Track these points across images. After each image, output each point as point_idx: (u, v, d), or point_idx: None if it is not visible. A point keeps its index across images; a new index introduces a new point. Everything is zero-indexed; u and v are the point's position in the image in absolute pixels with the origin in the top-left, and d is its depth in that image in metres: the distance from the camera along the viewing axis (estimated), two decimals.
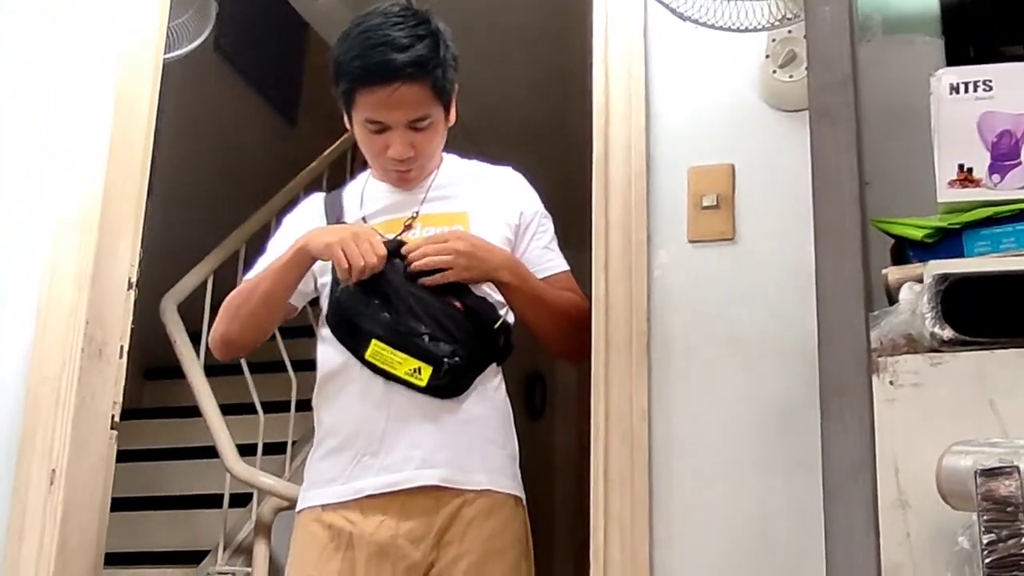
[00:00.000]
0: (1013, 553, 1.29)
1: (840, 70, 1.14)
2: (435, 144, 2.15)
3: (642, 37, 2.32)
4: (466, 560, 1.93)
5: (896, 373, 1.68)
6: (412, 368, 1.96)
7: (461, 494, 1.96)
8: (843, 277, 1.09)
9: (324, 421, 2.10)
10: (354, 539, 1.95)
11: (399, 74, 1.98)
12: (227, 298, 2.16)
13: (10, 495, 2.45)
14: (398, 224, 2.11)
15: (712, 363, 2.15)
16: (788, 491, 2.00)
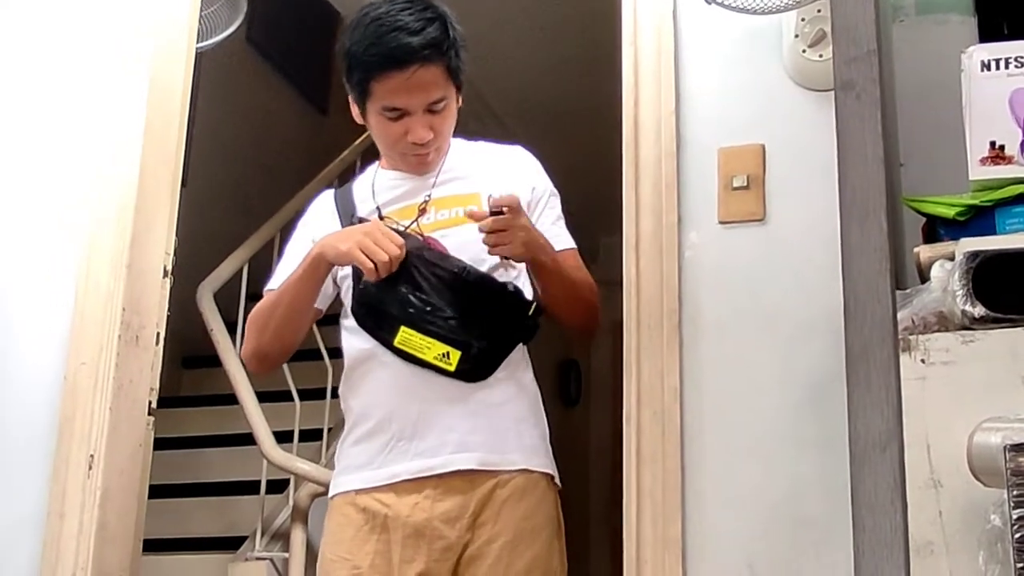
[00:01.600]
0: None
1: (865, 43, 1.14)
2: (451, 125, 2.13)
3: (671, 18, 2.32)
4: (501, 540, 1.92)
5: (927, 351, 1.68)
6: (441, 353, 1.96)
7: (495, 475, 1.96)
8: (869, 246, 1.09)
9: (354, 408, 2.10)
10: (389, 521, 1.95)
11: (415, 57, 1.98)
12: (252, 313, 2.16)
13: (50, 478, 2.47)
14: (412, 210, 2.10)
15: (743, 341, 2.15)
16: (819, 466, 2.00)
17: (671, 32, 2.31)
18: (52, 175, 2.71)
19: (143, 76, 2.70)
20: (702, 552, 2.07)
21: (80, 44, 2.78)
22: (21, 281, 2.66)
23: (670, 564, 2.07)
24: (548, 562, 1.97)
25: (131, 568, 2.53)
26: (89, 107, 2.72)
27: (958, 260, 1.71)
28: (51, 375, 2.55)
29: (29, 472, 2.50)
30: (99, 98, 2.72)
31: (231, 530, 4.21)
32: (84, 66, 2.76)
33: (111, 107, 2.70)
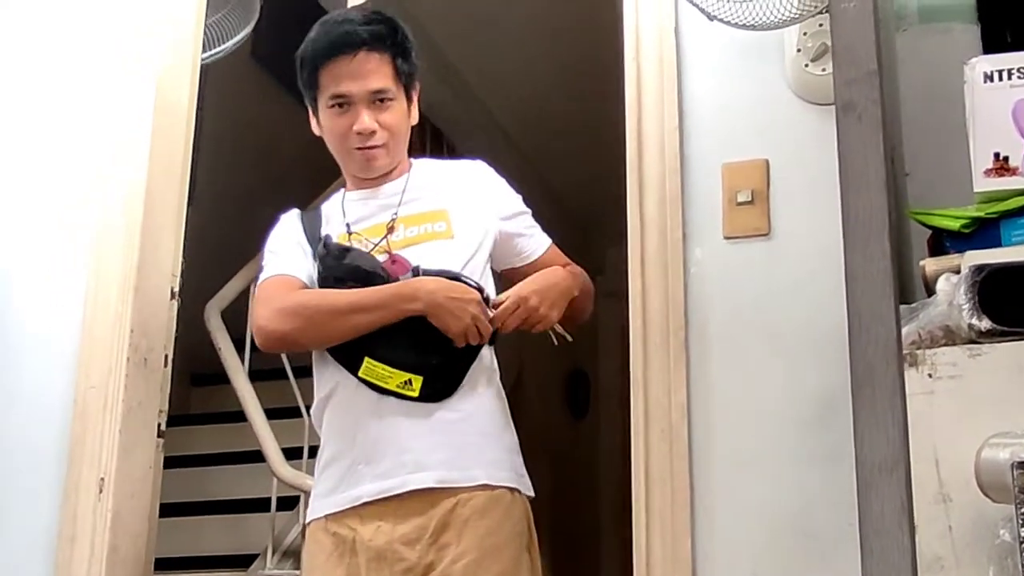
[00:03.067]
0: None
1: (865, 64, 1.14)
2: (397, 128, 2.15)
3: (673, 33, 2.32)
4: (465, 559, 1.90)
5: (934, 365, 1.68)
6: (403, 381, 1.98)
7: (455, 493, 1.95)
8: (872, 270, 1.09)
9: (324, 433, 2.12)
10: (356, 545, 1.96)
11: (358, 40, 2.07)
12: (298, 300, 2.09)
13: (60, 502, 2.47)
14: (381, 228, 2.12)
15: (749, 357, 2.15)
16: (826, 482, 2.00)
17: (673, 47, 2.31)
18: (59, 197, 2.72)
19: (148, 98, 2.71)
20: (712, 569, 2.07)
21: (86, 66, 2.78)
22: (28, 305, 2.66)
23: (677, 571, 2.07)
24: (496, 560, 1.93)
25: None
26: (95, 127, 2.73)
27: (964, 273, 1.71)
28: (60, 399, 2.55)
29: (39, 496, 2.50)
30: (105, 120, 2.72)
31: (242, 548, 4.21)
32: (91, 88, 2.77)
33: (116, 130, 2.70)
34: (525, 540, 2.01)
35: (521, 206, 2.25)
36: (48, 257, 2.68)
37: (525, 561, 1.99)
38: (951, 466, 1.61)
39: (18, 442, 2.56)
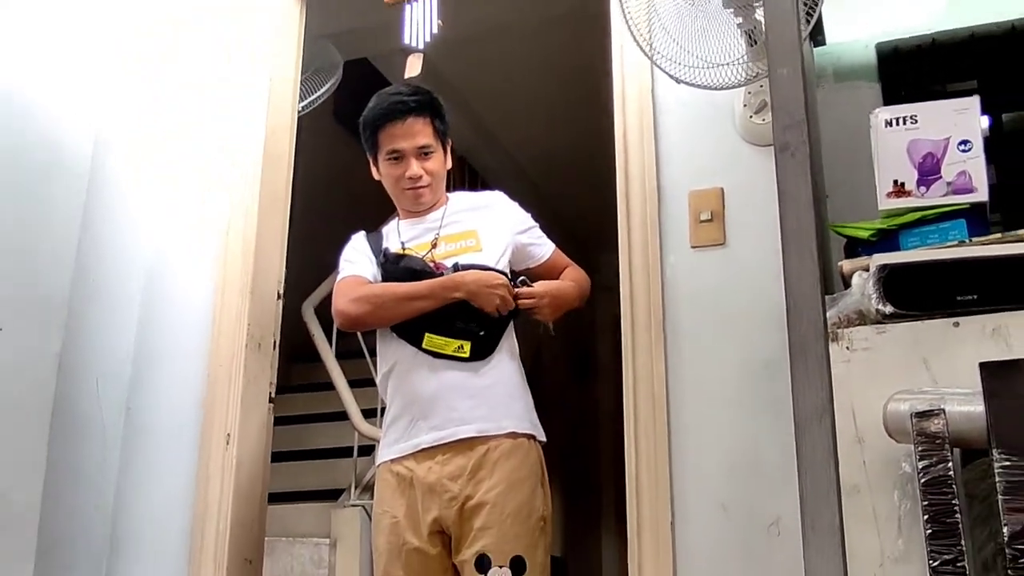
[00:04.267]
0: (942, 474, 1.30)
1: (796, 115, 1.15)
2: (438, 172, 2.20)
3: (650, 93, 2.33)
4: (495, 490, 1.96)
5: (851, 340, 1.68)
6: (457, 346, 2.03)
7: (488, 441, 2.00)
8: (804, 269, 1.10)
9: (388, 397, 2.15)
10: (413, 481, 2.02)
11: (409, 108, 2.13)
12: (367, 292, 2.14)
13: (198, 452, 2.50)
14: (427, 245, 2.16)
15: (710, 336, 2.15)
16: (773, 426, 1.99)
17: (650, 103, 2.32)
18: (195, 224, 2.73)
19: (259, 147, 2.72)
20: (686, 496, 2.07)
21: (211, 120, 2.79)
22: (172, 305, 2.68)
23: (661, 506, 2.07)
24: (532, 503, 2.00)
25: (259, 518, 2.55)
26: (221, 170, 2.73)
27: (872, 270, 1.71)
28: (197, 375, 2.57)
29: (182, 449, 2.53)
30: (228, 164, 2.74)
31: (332, 485, 4.24)
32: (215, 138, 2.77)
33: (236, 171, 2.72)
34: (539, 476, 2.06)
35: (531, 222, 2.29)
36: (187, 268, 2.70)
37: (539, 492, 2.04)
38: (864, 416, 1.60)
39: (167, 410, 2.58)
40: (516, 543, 1.94)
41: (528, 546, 1.96)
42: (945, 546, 1.23)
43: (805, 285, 1.09)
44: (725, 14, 2.06)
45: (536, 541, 1.98)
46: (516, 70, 4.67)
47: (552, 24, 4.16)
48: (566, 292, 2.21)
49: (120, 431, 2.56)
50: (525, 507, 1.98)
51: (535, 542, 1.98)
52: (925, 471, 1.28)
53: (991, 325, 1.59)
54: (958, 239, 1.85)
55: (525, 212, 2.29)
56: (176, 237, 2.73)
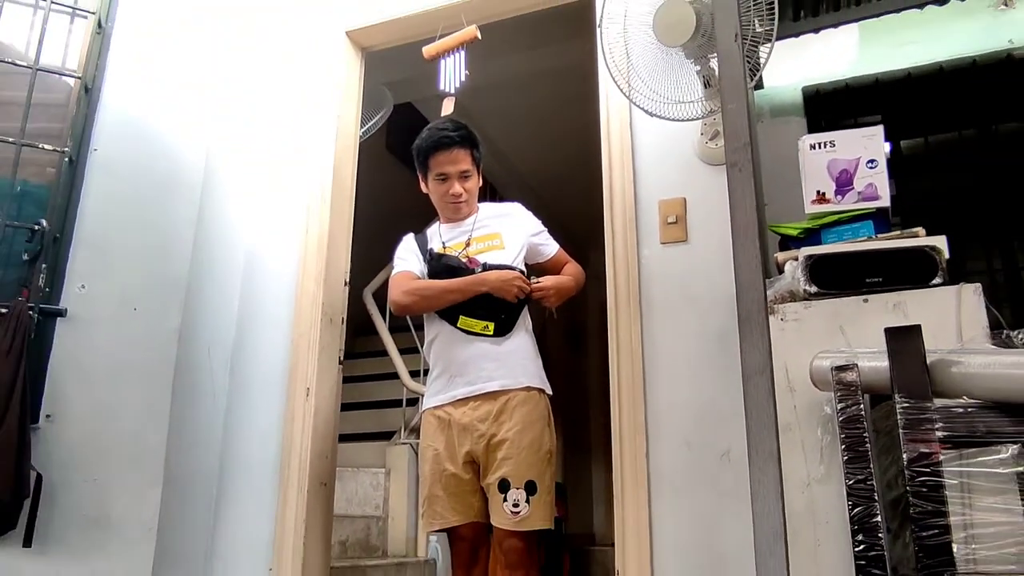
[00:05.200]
0: (855, 414, 1.29)
1: (743, 139, 1.15)
2: (473, 190, 2.20)
3: (629, 125, 2.32)
4: (514, 429, 1.97)
5: (784, 313, 1.68)
6: (483, 326, 2.05)
7: (508, 393, 2.01)
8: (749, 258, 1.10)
9: (432, 360, 2.15)
10: (451, 423, 2.04)
11: (454, 141, 2.14)
12: (415, 286, 2.14)
13: (284, 401, 2.51)
14: (462, 244, 2.16)
15: (677, 313, 2.15)
16: (724, 381, 2.00)
17: (629, 133, 2.31)
18: (282, 227, 2.73)
19: (329, 171, 2.72)
20: (658, 434, 2.07)
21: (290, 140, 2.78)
22: (264, 289, 2.68)
23: (638, 442, 2.07)
24: (542, 439, 2.00)
25: (332, 452, 2.55)
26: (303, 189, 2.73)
27: (800, 260, 1.71)
28: (284, 343, 2.58)
29: (273, 399, 2.53)
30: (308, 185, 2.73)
31: (386, 428, 4.25)
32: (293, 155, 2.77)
33: (314, 190, 2.71)
34: (547, 420, 2.06)
35: (541, 227, 2.28)
36: (275, 260, 2.70)
37: (548, 431, 2.04)
38: (794, 371, 1.60)
39: (261, 369, 2.59)
40: (529, 470, 1.95)
41: (539, 473, 1.96)
42: (858, 468, 1.23)
43: (750, 268, 1.09)
44: (687, 63, 2.05)
45: (544, 469, 1.99)
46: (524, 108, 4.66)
47: (552, 75, 4.17)
48: (567, 285, 2.20)
49: (226, 386, 2.58)
50: (536, 442, 1.99)
51: (544, 470, 1.98)
52: (842, 411, 1.28)
53: (892, 301, 1.58)
54: (866, 235, 1.84)
55: (537, 219, 2.29)
56: (267, 236, 2.73)
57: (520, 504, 1.93)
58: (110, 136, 2.43)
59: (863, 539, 1.18)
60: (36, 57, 2.40)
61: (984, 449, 1.21)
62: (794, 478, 1.55)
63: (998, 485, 1.22)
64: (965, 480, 1.23)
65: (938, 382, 1.22)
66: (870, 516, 1.19)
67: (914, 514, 1.14)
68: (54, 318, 2.23)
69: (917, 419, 1.17)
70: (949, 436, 1.20)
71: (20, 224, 2.27)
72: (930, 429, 1.16)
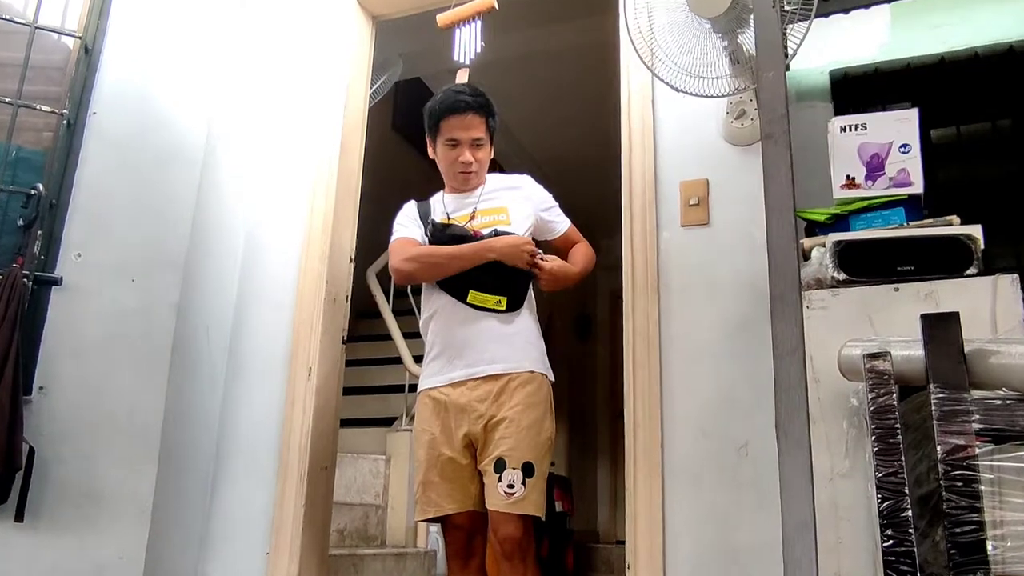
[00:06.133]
0: (887, 404, 1.27)
1: (779, 110, 1.13)
2: (484, 160, 2.11)
3: (651, 102, 2.29)
4: (514, 409, 1.91)
5: (810, 301, 1.66)
6: (496, 300, 1.98)
7: (510, 375, 1.95)
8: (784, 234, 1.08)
9: (429, 338, 2.08)
10: (448, 404, 1.98)
11: (468, 107, 2.05)
12: (418, 252, 2.06)
13: (285, 382, 2.50)
14: (467, 217, 2.08)
15: (695, 297, 2.13)
16: (744, 370, 1.98)
17: (651, 110, 2.28)
18: (288, 205, 2.71)
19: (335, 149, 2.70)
20: (673, 422, 2.06)
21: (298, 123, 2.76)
22: (269, 268, 2.67)
23: (653, 432, 2.06)
24: (542, 423, 1.94)
25: (332, 434, 2.55)
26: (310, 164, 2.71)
27: (828, 246, 1.69)
28: (287, 322, 2.56)
29: (274, 379, 2.52)
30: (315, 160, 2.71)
31: (388, 413, 4.25)
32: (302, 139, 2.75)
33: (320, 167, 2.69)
34: (549, 405, 2.00)
35: (551, 201, 2.19)
36: (278, 237, 2.69)
37: (549, 417, 1.98)
38: (820, 361, 1.58)
39: (262, 348, 2.58)
40: (527, 452, 1.89)
41: (537, 457, 1.90)
42: (888, 461, 1.21)
43: (784, 244, 1.07)
44: (714, 38, 2.02)
45: (543, 454, 1.93)
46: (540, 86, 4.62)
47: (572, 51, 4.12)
48: (569, 274, 2.10)
49: (225, 364, 2.57)
50: (536, 424, 1.93)
51: (542, 455, 1.93)
52: (873, 401, 1.26)
53: (924, 290, 1.56)
54: (897, 223, 1.83)
55: (548, 193, 2.20)
56: (270, 212, 2.71)
57: (515, 485, 1.86)
58: (110, 100, 2.41)
59: (892, 534, 1.16)
60: (35, 15, 2.38)
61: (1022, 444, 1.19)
62: (817, 472, 1.52)
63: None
64: (1002, 476, 1.21)
65: (975, 372, 1.20)
66: (900, 510, 1.17)
67: (947, 510, 1.12)
68: (49, 286, 2.22)
69: (953, 410, 1.16)
70: (986, 429, 1.18)
71: (15, 189, 2.26)
72: (966, 421, 1.15)
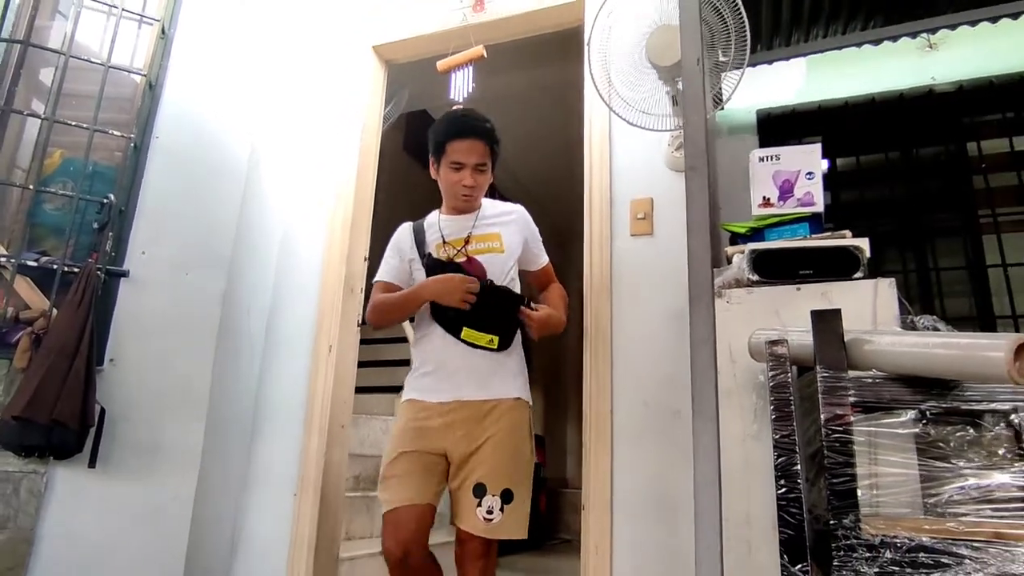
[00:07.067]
0: (783, 381, 1.30)
1: (700, 146, 1.15)
2: (485, 184, 1.85)
3: (608, 135, 2.31)
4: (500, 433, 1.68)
5: (730, 297, 1.69)
6: (489, 339, 1.72)
7: (499, 401, 1.71)
8: (700, 248, 1.10)
9: (422, 356, 1.80)
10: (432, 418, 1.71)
11: (475, 132, 1.80)
12: (377, 301, 1.82)
13: (312, 356, 2.51)
14: (461, 241, 1.83)
15: (642, 293, 2.14)
16: (679, 352, 2.00)
17: (607, 141, 2.29)
18: (312, 211, 2.71)
19: (353, 166, 2.71)
20: (621, 394, 2.08)
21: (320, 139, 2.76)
22: (297, 263, 2.67)
23: (604, 402, 2.08)
24: (524, 449, 1.71)
25: (349, 399, 2.56)
26: (326, 177, 2.71)
27: (746, 253, 1.72)
28: (311, 308, 2.57)
29: (301, 354, 2.54)
30: (330, 174, 2.71)
31: (395, 383, 4.21)
32: (324, 153, 2.75)
33: (341, 178, 2.69)
34: (529, 430, 1.76)
35: (538, 236, 1.95)
36: (306, 239, 2.69)
37: (528, 441, 1.74)
38: (736, 346, 1.62)
39: (292, 329, 2.59)
40: (507, 478, 1.64)
41: (516, 482, 1.66)
42: (783, 425, 1.25)
43: (701, 255, 1.10)
44: (659, 84, 2.05)
45: (523, 479, 1.67)
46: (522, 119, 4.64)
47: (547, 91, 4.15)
48: (554, 322, 1.81)
49: (262, 342, 2.59)
50: (518, 450, 1.69)
51: (522, 480, 1.68)
52: (773, 378, 1.29)
53: (821, 290, 1.60)
54: (802, 235, 1.85)
55: (535, 227, 1.95)
56: (299, 218, 2.72)
57: (494, 512, 1.61)
58: (170, 126, 2.42)
59: (784, 483, 1.20)
60: (108, 56, 2.38)
61: (888, 413, 1.23)
62: (732, 435, 1.57)
63: (898, 444, 1.24)
64: (872, 439, 1.25)
65: (853, 357, 1.24)
66: (791, 464, 1.21)
67: (828, 464, 1.16)
68: (118, 278, 2.23)
69: (834, 387, 1.19)
70: (860, 401, 1.22)
71: (91, 198, 2.26)
72: (844, 395, 1.18)
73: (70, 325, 2.03)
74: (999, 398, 1.16)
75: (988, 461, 1.16)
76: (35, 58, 2.36)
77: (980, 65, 2.58)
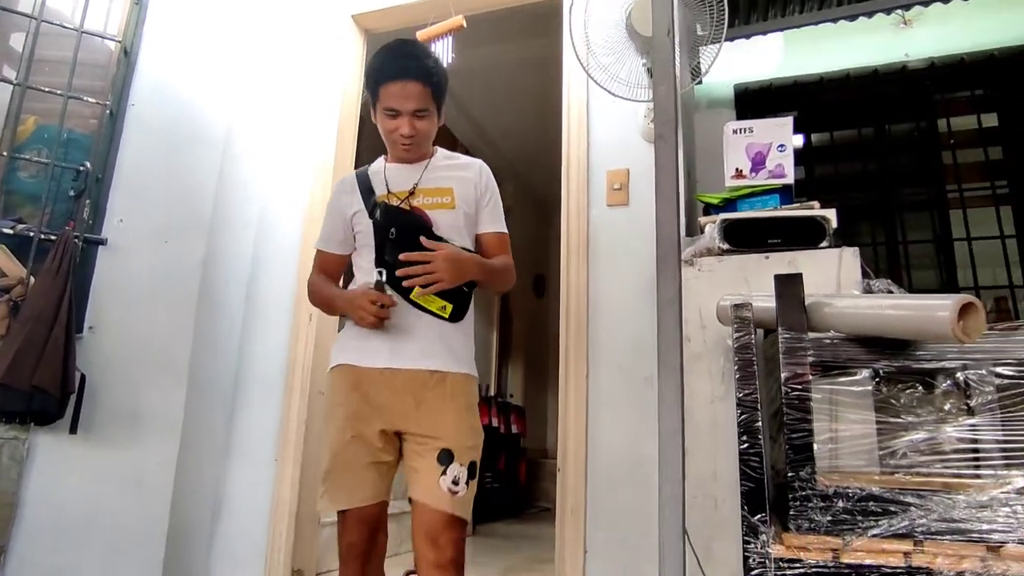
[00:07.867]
0: (747, 342, 1.35)
1: (668, 115, 1.18)
2: (429, 132, 1.57)
3: (586, 104, 2.31)
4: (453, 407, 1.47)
5: (701, 265, 1.74)
6: (441, 305, 1.49)
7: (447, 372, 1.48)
8: (668, 211, 1.14)
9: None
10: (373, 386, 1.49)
11: (409, 73, 1.50)
12: (311, 284, 1.64)
13: (292, 325, 2.52)
14: (405, 193, 1.55)
15: (618, 261, 2.17)
16: (651, 319, 2.02)
17: (585, 112, 2.30)
18: (293, 174, 2.70)
19: (334, 120, 2.69)
20: (597, 359, 2.12)
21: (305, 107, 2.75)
22: (275, 235, 2.67)
23: (580, 366, 2.12)
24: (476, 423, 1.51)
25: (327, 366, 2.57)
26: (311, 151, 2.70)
27: (717, 223, 1.76)
28: (291, 277, 2.57)
29: (281, 323, 2.54)
30: (313, 151, 2.70)
31: None
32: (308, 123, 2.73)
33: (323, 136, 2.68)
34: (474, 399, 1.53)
35: (496, 195, 1.64)
36: (285, 209, 2.68)
37: (474, 409, 1.53)
38: (706, 312, 1.67)
39: (272, 298, 2.59)
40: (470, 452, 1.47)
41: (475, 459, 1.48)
42: (746, 384, 1.30)
43: (668, 221, 1.13)
44: (636, 56, 2.07)
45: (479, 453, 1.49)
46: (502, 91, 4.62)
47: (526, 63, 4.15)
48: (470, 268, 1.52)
49: (242, 310, 2.59)
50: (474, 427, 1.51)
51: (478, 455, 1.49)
52: (737, 340, 1.34)
53: (788, 258, 1.66)
54: (773, 206, 1.90)
55: (496, 185, 1.65)
56: (279, 187, 2.71)
57: (460, 483, 1.42)
58: (146, 94, 2.40)
59: (747, 439, 1.25)
60: (81, 21, 2.34)
61: (845, 373, 1.29)
62: (701, 396, 1.63)
63: (856, 401, 1.31)
64: (832, 397, 1.31)
65: (813, 319, 1.29)
66: (753, 422, 1.26)
67: (787, 421, 1.21)
68: (96, 246, 2.23)
69: (794, 347, 1.24)
70: (819, 361, 1.28)
71: (67, 165, 2.25)
72: (804, 355, 1.23)
73: (48, 292, 2.03)
74: (948, 357, 1.22)
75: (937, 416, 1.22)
76: (5, 22, 2.32)
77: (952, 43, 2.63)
